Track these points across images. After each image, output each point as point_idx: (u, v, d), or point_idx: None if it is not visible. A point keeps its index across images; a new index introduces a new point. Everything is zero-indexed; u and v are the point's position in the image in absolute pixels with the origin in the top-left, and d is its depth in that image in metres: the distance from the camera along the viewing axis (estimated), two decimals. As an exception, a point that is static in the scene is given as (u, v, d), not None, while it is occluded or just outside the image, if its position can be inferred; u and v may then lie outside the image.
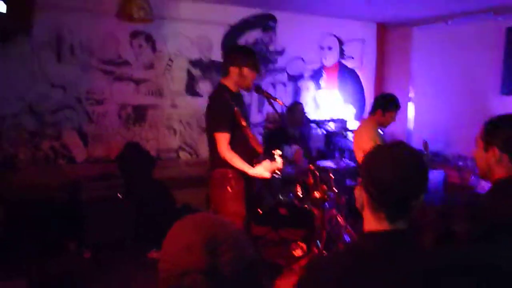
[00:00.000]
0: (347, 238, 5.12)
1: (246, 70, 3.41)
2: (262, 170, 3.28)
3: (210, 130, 3.41)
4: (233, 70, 3.42)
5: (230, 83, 3.46)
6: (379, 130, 4.33)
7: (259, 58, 3.59)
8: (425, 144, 4.51)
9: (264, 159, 3.36)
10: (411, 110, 6.82)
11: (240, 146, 3.35)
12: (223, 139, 3.30)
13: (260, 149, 3.38)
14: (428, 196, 4.65)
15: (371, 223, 1.42)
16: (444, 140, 6.10)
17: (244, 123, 3.33)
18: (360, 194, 1.47)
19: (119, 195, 4.88)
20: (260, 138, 6.19)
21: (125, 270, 4.35)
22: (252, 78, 3.46)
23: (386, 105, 4.33)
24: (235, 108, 3.31)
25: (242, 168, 3.29)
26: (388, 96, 4.41)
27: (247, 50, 3.61)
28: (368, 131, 4.24)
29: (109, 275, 4.25)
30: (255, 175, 3.30)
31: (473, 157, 2.00)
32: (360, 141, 4.23)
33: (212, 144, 3.39)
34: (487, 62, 5.43)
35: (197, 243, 1.02)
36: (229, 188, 3.37)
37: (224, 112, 3.31)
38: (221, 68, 3.61)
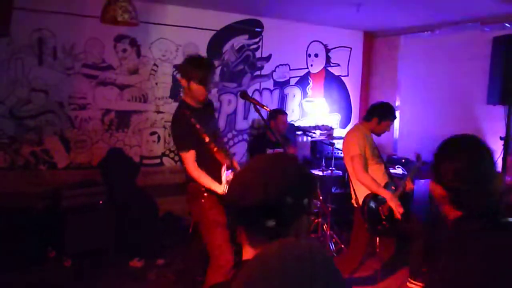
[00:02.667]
0: (332, 247, 5.09)
1: (192, 84, 3.31)
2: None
3: (176, 149, 3.44)
4: (183, 83, 3.37)
5: (187, 97, 3.43)
6: (370, 136, 4.26)
7: (207, 70, 3.38)
8: (418, 156, 4.51)
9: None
10: (397, 118, 6.82)
11: (206, 162, 3.32)
12: (188, 158, 3.31)
13: (226, 162, 3.33)
14: (415, 206, 4.62)
15: None
16: (430, 149, 6.07)
17: (207, 139, 3.26)
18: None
19: (101, 202, 4.78)
20: (245, 145, 6.15)
21: (107, 279, 4.26)
22: (199, 92, 3.34)
23: (384, 114, 4.21)
24: (197, 125, 3.24)
25: (209, 186, 3.29)
26: (387, 105, 4.30)
27: (196, 62, 3.39)
28: (356, 136, 4.17)
29: (90, 284, 4.15)
30: (222, 193, 3.25)
31: None
32: (347, 145, 4.18)
33: (180, 159, 3.42)
34: (473, 72, 5.45)
35: None
36: (202, 200, 3.37)
37: (184, 132, 3.28)
38: None
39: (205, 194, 3.36)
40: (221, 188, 3.25)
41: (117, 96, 5.33)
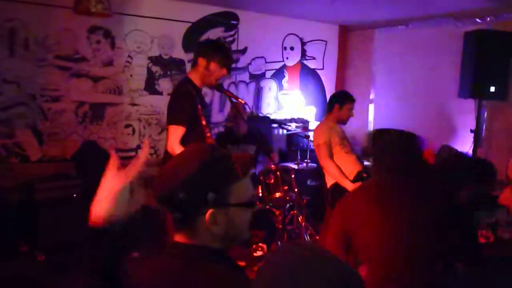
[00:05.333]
0: (307, 238, 5.14)
1: (213, 65, 3.31)
2: None
3: (167, 120, 3.31)
4: (201, 62, 3.32)
5: (196, 76, 3.36)
6: (339, 127, 4.43)
7: (231, 58, 3.51)
8: None
9: None
10: (371, 111, 6.91)
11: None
12: (176, 133, 3.17)
13: None
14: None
15: None
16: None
17: (204, 122, 3.25)
18: None
19: (75, 195, 4.73)
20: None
21: (81, 273, 4.21)
22: (218, 75, 3.36)
23: (341, 98, 4.45)
24: (198, 106, 3.22)
25: None
26: (342, 91, 4.67)
27: (220, 46, 3.53)
28: (320, 127, 4.41)
29: (64, 279, 4.10)
30: None
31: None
32: (314, 137, 4.38)
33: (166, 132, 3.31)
34: (445, 66, 5.55)
35: None
36: None
37: (185, 105, 3.21)
38: (193, 59, 3.51)
39: None
40: None
41: (91, 88, 5.26)
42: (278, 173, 4.27)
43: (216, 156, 1.28)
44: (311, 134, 5.38)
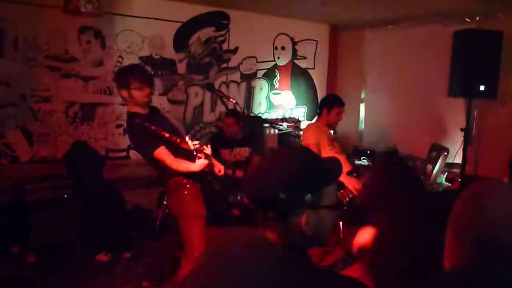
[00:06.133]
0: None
1: (133, 90, 3.30)
2: (201, 161, 3.23)
3: (147, 154, 3.34)
4: (124, 94, 3.34)
5: (132, 107, 3.39)
6: (330, 131, 4.51)
7: (146, 74, 3.49)
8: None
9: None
10: (362, 110, 6.93)
11: (177, 154, 3.31)
12: (163, 153, 3.26)
13: (190, 147, 3.32)
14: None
15: None
16: (394, 140, 6.24)
17: (166, 135, 3.24)
18: None
19: (66, 196, 4.71)
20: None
21: (72, 274, 4.20)
22: (142, 94, 3.33)
23: (329, 103, 4.52)
24: (152, 127, 3.21)
25: (188, 168, 3.27)
26: (331, 95, 4.73)
27: (125, 71, 3.47)
28: (308, 130, 4.49)
29: (56, 280, 4.08)
30: (199, 167, 3.24)
31: None
32: (304, 139, 4.45)
33: (153, 163, 3.38)
34: (435, 65, 5.58)
35: None
36: (185, 192, 3.37)
37: (144, 136, 3.24)
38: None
39: (188, 186, 3.36)
40: (196, 166, 3.24)
41: (82, 88, 5.24)
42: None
43: (314, 158, 1.33)
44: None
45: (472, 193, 1.14)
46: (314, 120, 4.73)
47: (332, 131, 4.63)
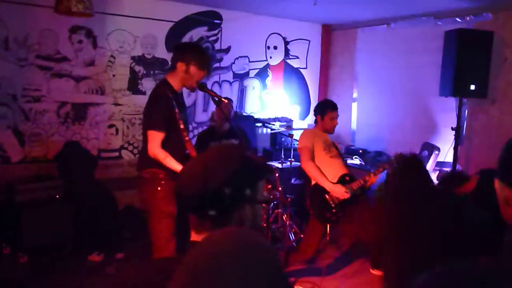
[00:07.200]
0: (292, 237, 5.16)
1: (193, 68, 3.30)
2: None
3: (146, 127, 3.30)
4: (180, 66, 3.31)
5: (174, 80, 3.35)
6: (324, 135, 4.49)
7: (209, 59, 3.54)
8: (396, 157, 4.88)
9: None
10: (354, 110, 6.96)
11: (174, 148, 3.25)
12: (156, 138, 3.19)
13: (193, 153, 3.30)
14: (371, 195, 4.79)
15: None
16: (387, 139, 6.26)
17: (182, 126, 3.24)
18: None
19: (57, 196, 4.69)
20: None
21: (65, 275, 4.19)
22: (198, 77, 3.36)
23: (321, 109, 4.54)
24: (175, 109, 3.21)
25: (176, 168, 3.17)
26: (322, 101, 4.73)
27: (197, 48, 3.52)
28: (305, 133, 4.53)
29: (48, 280, 4.07)
30: None
31: None
32: (299, 142, 4.46)
33: (145, 143, 3.29)
34: (427, 65, 5.61)
35: None
36: (159, 188, 3.28)
37: (163, 110, 3.20)
38: (171, 64, 3.48)
39: (162, 182, 3.27)
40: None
41: (73, 88, 5.22)
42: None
43: (248, 155, 1.37)
44: (295, 133, 5.42)
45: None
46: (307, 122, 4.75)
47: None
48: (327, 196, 4.23)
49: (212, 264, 0.87)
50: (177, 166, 3.18)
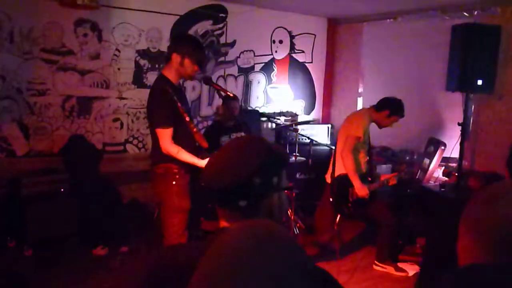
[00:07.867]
0: (296, 231, 5.16)
1: (187, 61, 3.27)
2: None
3: (152, 125, 3.28)
4: (175, 58, 3.28)
5: (170, 73, 3.32)
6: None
7: (204, 54, 3.48)
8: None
9: (210, 153, 3.29)
10: (360, 104, 6.92)
11: (184, 141, 3.23)
12: (167, 135, 3.18)
13: (205, 143, 3.28)
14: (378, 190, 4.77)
15: None
16: (392, 134, 6.23)
17: (187, 118, 3.22)
18: None
19: (62, 190, 4.70)
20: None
21: (69, 268, 4.20)
22: (192, 70, 3.33)
23: (396, 109, 4.42)
24: (178, 103, 3.19)
25: (191, 161, 3.18)
26: (400, 102, 4.48)
27: (192, 41, 3.49)
28: (364, 119, 4.38)
29: (52, 274, 4.08)
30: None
31: None
32: (350, 124, 4.37)
33: (155, 139, 3.27)
34: (433, 59, 5.57)
35: None
36: (173, 182, 3.28)
37: (165, 106, 3.19)
38: (167, 53, 3.46)
39: (177, 177, 3.27)
40: (202, 163, 3.16)
41: (78, 81, 5.21)
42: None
43: (271, 144, 1.40)
44: (300, 127, 5.40)
45: (490, 193, 1.11)
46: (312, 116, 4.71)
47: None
48: (350, 189, 4.30)
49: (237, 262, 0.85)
50: (191, 159, 3.18)
